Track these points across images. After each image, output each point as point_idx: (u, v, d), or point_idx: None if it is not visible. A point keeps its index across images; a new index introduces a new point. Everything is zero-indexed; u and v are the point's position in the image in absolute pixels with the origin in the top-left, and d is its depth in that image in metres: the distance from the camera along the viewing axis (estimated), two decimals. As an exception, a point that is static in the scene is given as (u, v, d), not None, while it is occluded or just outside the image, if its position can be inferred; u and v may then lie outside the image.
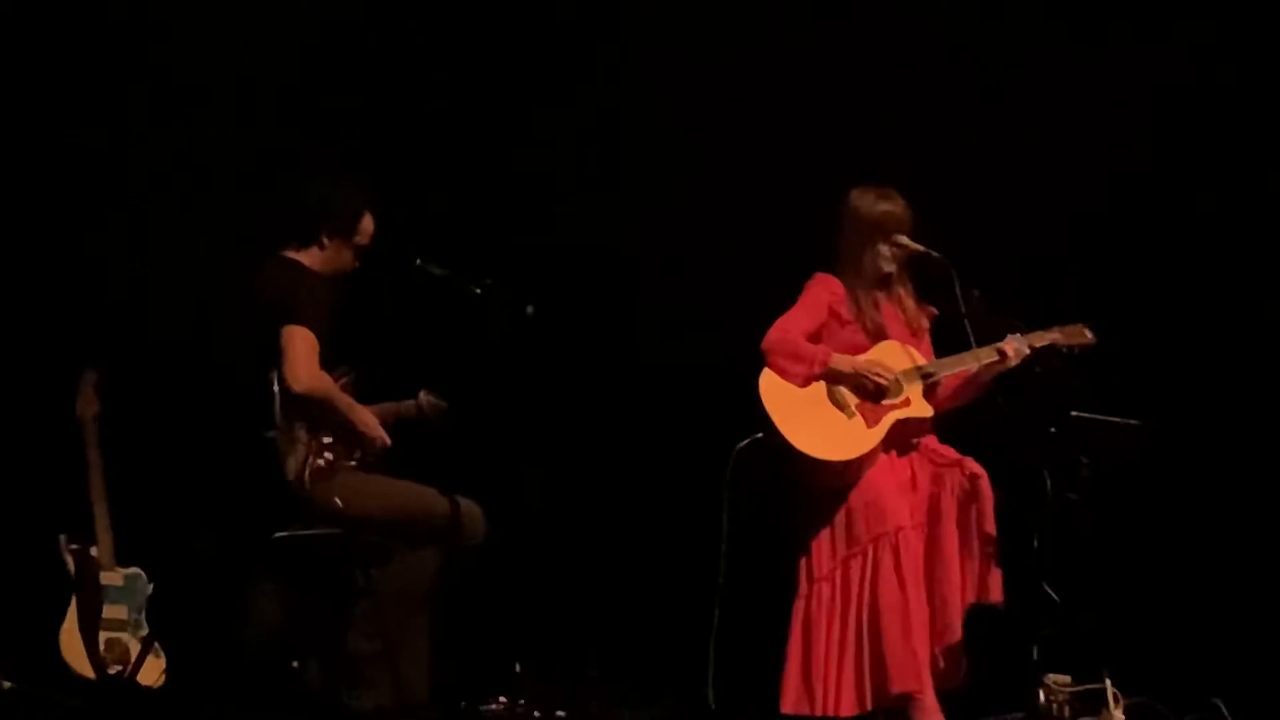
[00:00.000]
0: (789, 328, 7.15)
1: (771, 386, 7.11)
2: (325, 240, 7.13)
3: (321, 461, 7.10)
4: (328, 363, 7.08)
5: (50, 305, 7.91)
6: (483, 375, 7.45)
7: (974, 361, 7.17)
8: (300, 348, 6.91)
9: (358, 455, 7.15)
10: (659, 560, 7.99)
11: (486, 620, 7.75)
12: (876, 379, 7.13)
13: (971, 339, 7.15)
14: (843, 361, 7.15)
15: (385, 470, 7.20)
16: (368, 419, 7.08)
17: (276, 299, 6.99)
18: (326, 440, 7.04)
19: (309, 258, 7.13)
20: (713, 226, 8.04)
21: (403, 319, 7.89)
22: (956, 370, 7.21)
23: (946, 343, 7.27)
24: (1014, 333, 7.19)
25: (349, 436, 7.07)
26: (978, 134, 7.99)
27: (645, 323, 8.16)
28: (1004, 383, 7.19)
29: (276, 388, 6.94)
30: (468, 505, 7.15)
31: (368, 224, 7.18)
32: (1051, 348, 7.18)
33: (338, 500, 6.99)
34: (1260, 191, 7.95)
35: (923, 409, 7.18)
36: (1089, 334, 7.22)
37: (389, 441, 7.10)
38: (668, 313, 8.11)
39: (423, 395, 7.37)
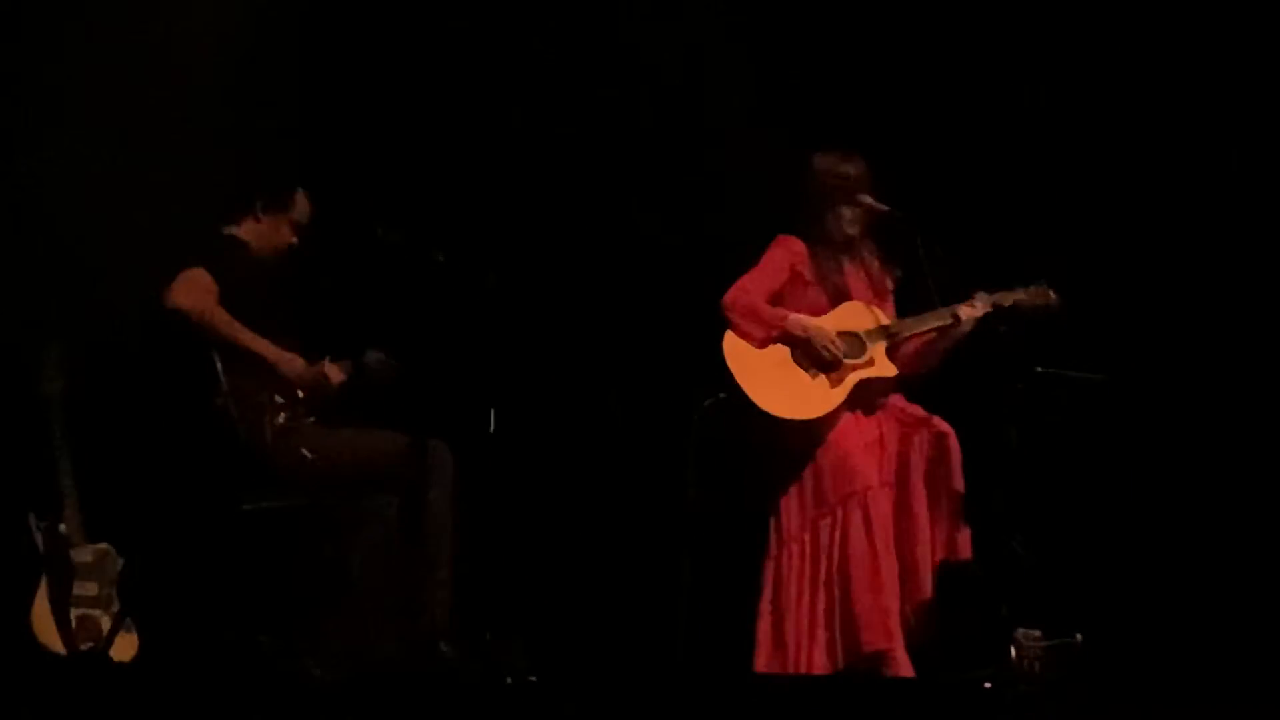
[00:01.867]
0: (749, 288, 7.17)
1: (735, 346, 7.14)
2: (259, 214, 7.26)
3: (281, 419, 7.15)
4: (268, 334, 7.15)
5: (5, 280, 7.87)
6: (445, 342, 7.46)
7: (937, 321, 7.19)
8: (186, 277, 7.05)
9: (307, 416, 7.21)
10: (627, 522, 8.00)
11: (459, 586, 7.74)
12: (826, 350, 7.13)
13: (936, 298, 7.16)
14: (797, 326, 7.16)
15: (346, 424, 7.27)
16: (277, 352, 7.14)
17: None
18: (280, 400, 7.09)
19: (244, 231, 7.27)
20: (677, 184, 8.03)
21: (363, 288, 7.86)
22: (920, 330, 7.22)
23: (912, 303, 7.28)
24: (978, 291, 7.20)
25: (274, 380, 7.14)
26: (940, 93, 7.99)
27: (610, 280, 8.14)
28: (969, 343, 7.21)
29: (217, 357, 7.02)
30: (437, 445, 7.18)
31: (302, 200, 7.31)
32: (1015, 308, 7.19)
33: (305, 452, 7.08)
34: (1226, 141, 7.95)
35: (886, 369, 7.19)
36: (1052, 295, 7.23)
37: (301, 373, 7.16)
38: (633, 269, 8.10)
39: (369, 354, 7.39)
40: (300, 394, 7.19)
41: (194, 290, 7.07)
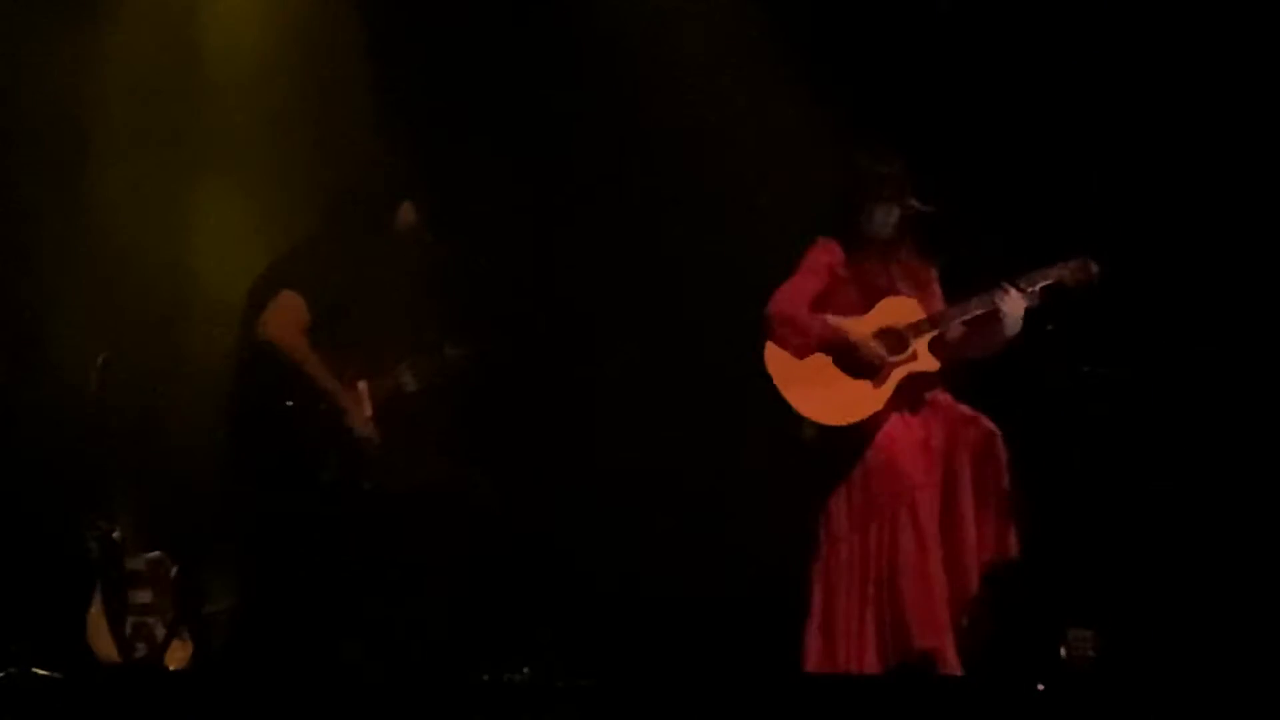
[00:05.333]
0: (790, 296, 7.16)
1: (776, 355, 7.13)
2: (366, 225, 7.36)
3: (345, 444, 7.25)
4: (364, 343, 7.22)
5: (60, 291, 7.93)
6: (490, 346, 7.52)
7: (978, 307, 7.15)
8: (279, 304, 7.20)
9: (377, 439, 7.29)
10: (676, 526, 8.01)
11: (510, 590, 7.77)
12: (867, 356, 7.12)
13: (976, 286, 7.13)
14: (838, 333, 7.14)
15: (414, 440, 7.35)
16: (346, 400, 7.28)
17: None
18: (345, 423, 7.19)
19: (349, 243, 7.35)
20: (712, 192, 8.03)
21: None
22: (961, 317, 7.19)
23: (954, 293, 7.26)
24: (1019, 279, 7.15)
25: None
26: (979, 92, 7.96)
27: (651, 292, 8.15)
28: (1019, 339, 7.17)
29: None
30: (478, 478, 7.24)
31: (407, 210, 7.36)
32: (1057, 286, 7.14)
33: (365, 485, 7.24)
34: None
35: (929, 363, 7.17)
36: (1093, 267, 7.17)
37: (364, 425, 7.31)
38: (672, 279, 8.11)
39: (448, 348, 7.45)
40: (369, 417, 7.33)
41: (283, 322, 7.20)
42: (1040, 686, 6.63)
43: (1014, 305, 7.11)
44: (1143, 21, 7.84)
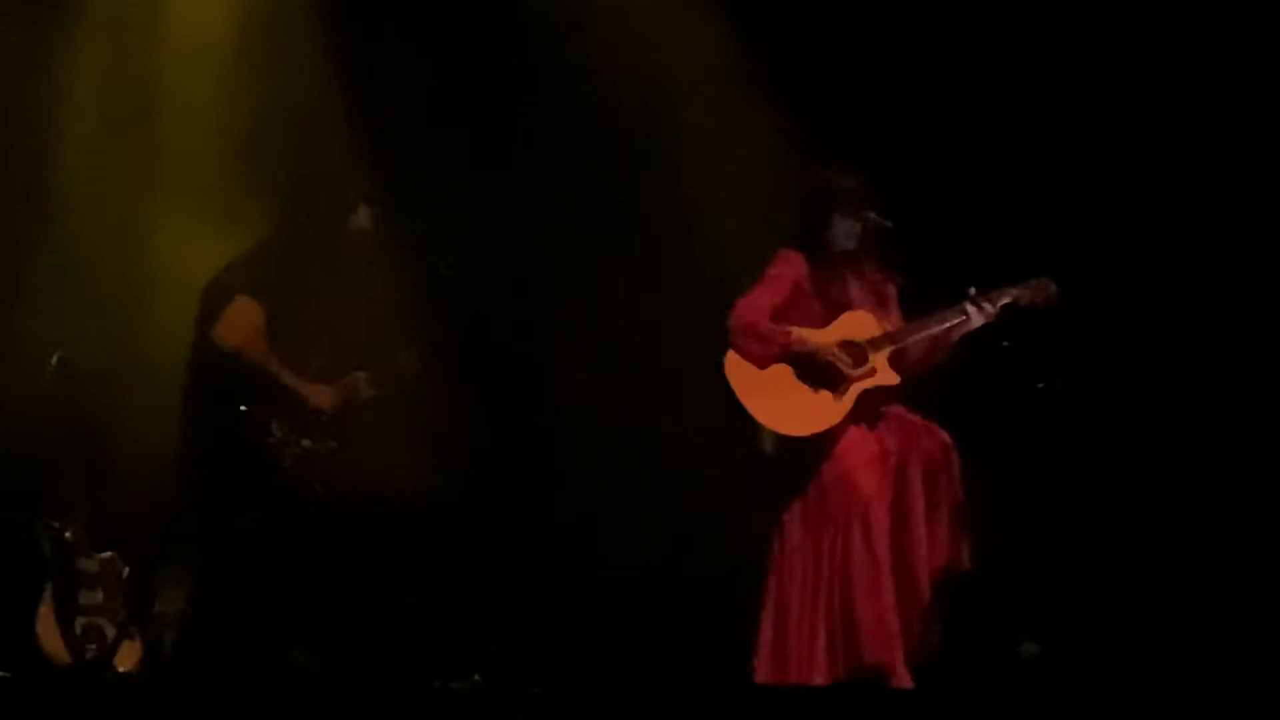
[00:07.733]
0: (752, 306, 7.16)
1: (737, 365, 7.13)
2: (321, 227, 7.37)
3: (300, 449, 7.23)
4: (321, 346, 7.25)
5: (16, 290, 7.91)
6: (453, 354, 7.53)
7: (938, 325, 7.19)
8: (235, 311, 7.20)
9: (333, 443, 7.28)
10: (632, 535, 8.03)
11: (462, 598, 7.78)
12: (832, 363, 7.14)
13: (936, 304, 7.17)
14: (801, 343, 7.17)
15: (369, 446, 7.31)
16: (307, 387, 7.31)
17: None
18: (296, 437, 7.17)
19: (303, 244, 7.36)
20: (676, 205, 8.07)
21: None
22: (922, 335, 7.23)
23: (914, 310, 7.28)
24: (977, 294, 7.20)
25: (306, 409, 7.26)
26: (941, 109, 8.02)
27: (613, 302, 8.18)
28: (971, 348, 7.22)
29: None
30: (443, 479, 7.26)
31: (364, 213, 7.38)
32: (1015, 305, 7.20)
33: (318, 486, 7.25)
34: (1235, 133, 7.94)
35: (889, 377, 7.19)
36: (1053, 287, 7.22)
37: (331, 403, 7.34)
38: (635, 287, 8.14)
39: (403, 354, 7.45)
40: (327, 415, 7.31)
41: (238, 328, 7.22)
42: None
43: (973, 323, 7.17)
44: (1101, 42, 7.91)
